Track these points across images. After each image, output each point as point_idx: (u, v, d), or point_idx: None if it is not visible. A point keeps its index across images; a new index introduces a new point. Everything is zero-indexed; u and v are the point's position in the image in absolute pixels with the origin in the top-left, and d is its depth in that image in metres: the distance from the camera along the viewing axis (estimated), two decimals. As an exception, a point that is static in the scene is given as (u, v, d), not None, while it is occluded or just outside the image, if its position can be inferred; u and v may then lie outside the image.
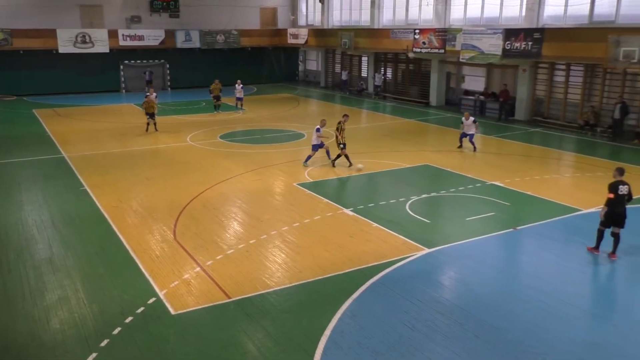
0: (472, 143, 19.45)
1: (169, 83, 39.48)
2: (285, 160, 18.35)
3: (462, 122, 19.62)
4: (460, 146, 19.77)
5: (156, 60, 38.90)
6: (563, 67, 25.45)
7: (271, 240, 11.40)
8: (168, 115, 27.41)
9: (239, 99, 29.73)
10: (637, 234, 11.32)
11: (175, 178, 16.16)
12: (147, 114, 22.92)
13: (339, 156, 17.14)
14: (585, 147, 21.10)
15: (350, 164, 16.92)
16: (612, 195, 10.13)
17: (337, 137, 16.97)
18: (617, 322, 8.51)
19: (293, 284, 9.42)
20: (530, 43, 24.10)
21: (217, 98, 28.44)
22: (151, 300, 8.78)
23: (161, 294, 8.97)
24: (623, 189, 10.14)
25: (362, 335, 7.84)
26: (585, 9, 23.64)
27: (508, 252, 11.48)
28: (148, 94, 24.39)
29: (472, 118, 19.40)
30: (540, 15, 25.43)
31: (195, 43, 38.84)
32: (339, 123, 17.01)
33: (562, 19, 24.64)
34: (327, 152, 17.53)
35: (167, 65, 39.27)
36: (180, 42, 38.37)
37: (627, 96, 22.67)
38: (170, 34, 38.04)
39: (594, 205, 12.95)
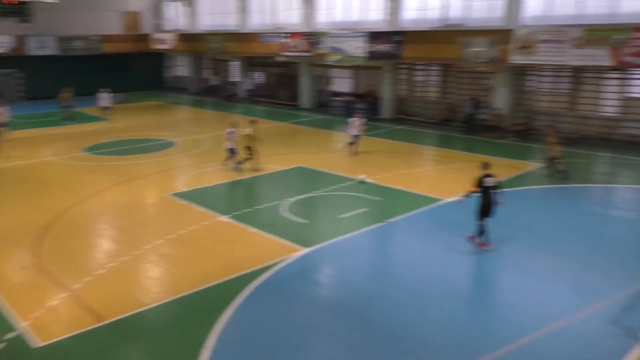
0: (352, 144, 19.76)
1: (23, 94, 36.26)
2: (157, 170, 17.72)
3: (350, 125, 19.62)
4: (350, 145, 19.81)
5: (7, 70, 35.54)
6: (422, 67, 27.26)
7: (145, 255, 10.95)
8: (24, 129, 25.18)
9: (105, 107, 28.18)
10: (506, 223, 12.06)
11: (34, 197, 14.91)
12: None
13: (246, 160, 17.39)
14: (444, 141, 22.79)
15: (236, 166, 17.29)
16: (474, 189, 11.02)
17: (246, 141, 17.18)
18: (484, 303, 9.33)
19: (171, 299, 9.13)
20: (391, 45, 25.49)
21: (68, 107, 26.78)
22: (11, 335, 8.03)
23: (23, 326, 8.25)
24: (488, 182, 10.99)
25: (245, 342, 7.82)
26: (439, 13, 25.45)
27: (381, 245, 12.07)
28: None
29: (363, 120, 19.84)
30: (401, 19, 26.96)
31: (52, 49, 36.09)
32: (250, 129, 17.32)
33: (419, 22, 26.28)
34: (232, 157, 17.54)
35: (21, 75, 36.06)
36: (33, 48, 35.43)
37: (479, 93, 24.86)
38: (21, 40, 34.99)
39: (454, 194, 14.03)
